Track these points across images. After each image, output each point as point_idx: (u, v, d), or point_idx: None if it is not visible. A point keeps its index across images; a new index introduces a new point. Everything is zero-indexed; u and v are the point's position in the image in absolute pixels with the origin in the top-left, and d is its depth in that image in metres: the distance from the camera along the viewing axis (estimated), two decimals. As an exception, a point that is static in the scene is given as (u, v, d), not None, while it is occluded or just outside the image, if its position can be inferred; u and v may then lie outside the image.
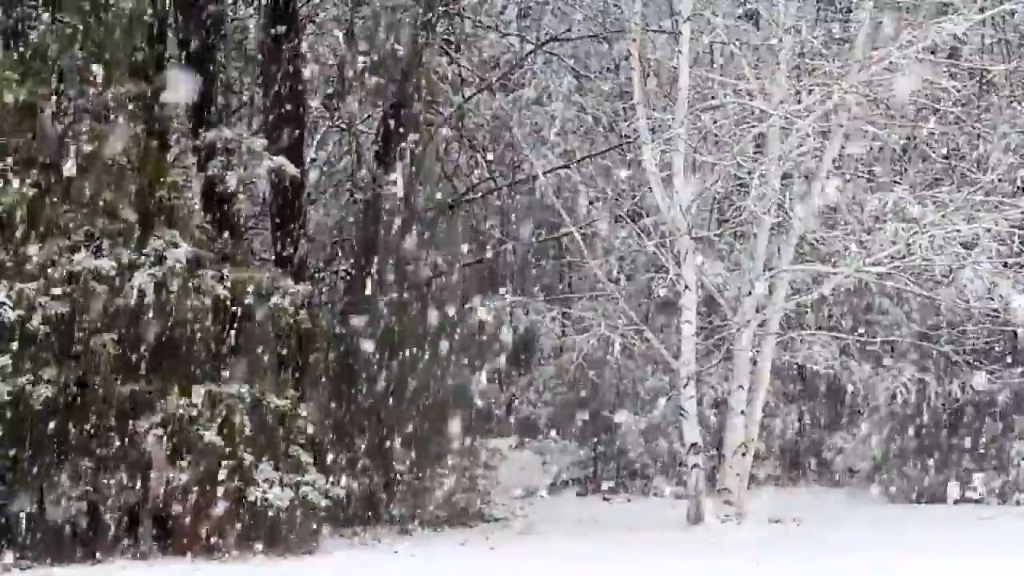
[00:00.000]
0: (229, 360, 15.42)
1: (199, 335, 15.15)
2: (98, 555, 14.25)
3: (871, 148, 20.05)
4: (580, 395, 22.99)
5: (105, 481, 14.49)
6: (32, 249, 14.54)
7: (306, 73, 19.37)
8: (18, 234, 14.61)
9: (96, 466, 14.53)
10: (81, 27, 15.28)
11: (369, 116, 21.74)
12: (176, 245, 14.79)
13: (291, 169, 16.64)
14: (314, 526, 15.17)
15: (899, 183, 19.06)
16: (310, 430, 15.92)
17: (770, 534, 17.16)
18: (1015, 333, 19.97)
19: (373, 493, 17.57)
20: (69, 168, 14.91)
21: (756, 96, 17.77)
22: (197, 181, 16.62)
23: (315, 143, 21.28)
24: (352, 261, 19.41)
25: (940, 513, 19.98)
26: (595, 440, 22.95)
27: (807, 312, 20.16)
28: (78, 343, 14.50)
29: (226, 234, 16.23)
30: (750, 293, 18.10)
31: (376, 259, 18.67)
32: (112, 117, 15.38)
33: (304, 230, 18.53)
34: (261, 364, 15.70)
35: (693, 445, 17.89)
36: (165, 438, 14.56)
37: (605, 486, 22.34)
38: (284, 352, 16.49)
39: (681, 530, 17.49)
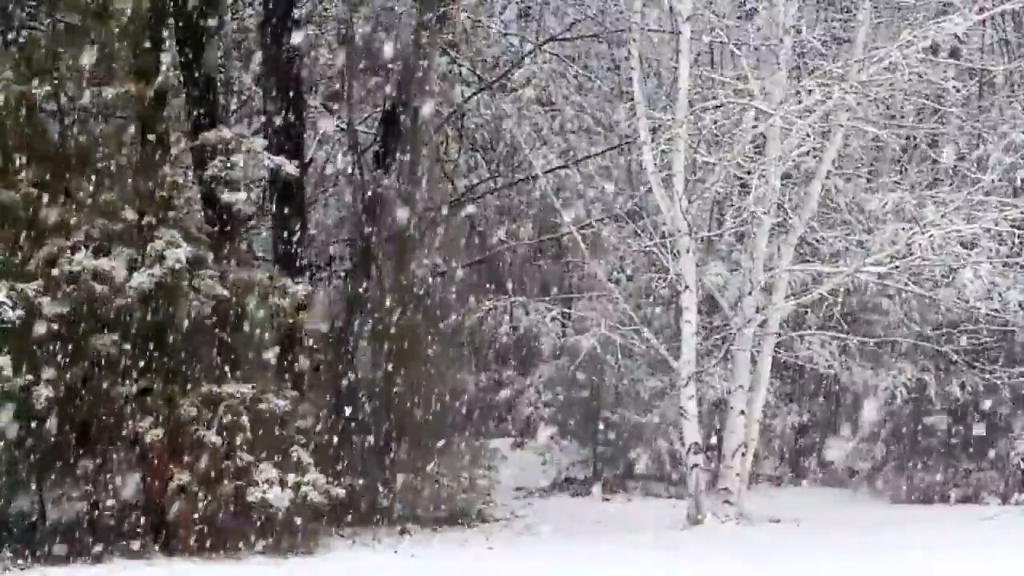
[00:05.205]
0: (229, 360, 15.42)
1: (199, 335, 15.16)
2: (98, 555, 14.25)
3: (871, 148, 20.05)
4: (580, 395, 22.96)
5: (105, 481, 14.49)
6: (32, 249, 14.53)
7: (306, 73, 19.34)
8: (18, 234, 14.61)
9: (96, 466, 14.53)
10: (81, 27, 15.28)
11: (369, 116, 21.73)
12: (176, 245, 14.77)
13: (291, 169, 16.63)
14: (314, 526, 15.17)
15: (899, 183, 19.06)
16: (310, 430, 15.93)
17: (770, 534, 17.16)
18: (1014, 333, 19.97)
19: (373, 493, 17.56)
20: (69, 168, 14.91)
21: (756, 96, 17.77)
22: (197, 181, 16.62)
23: (315, 143, 21.26)
24: (352, 261, 19.37)
25: (940, 513, 19.97)
26: (595, 440, 22.92)
27: (807, 312, 20.15)
28: (78, 343, 14.49)
29: (226, 234, 16.22)
30: (750, 293, 18.11)
31: (376, 259, 18.66)
32: (112, 117, 15.37)
33: (304, 230, 18.53)
34: (261, 364, 15.70)
35: (693, 445, 17.90)
36: (165, 438, 14.57)
37: (605, 486, 22.30)
38: (284, 352, 16.49)
39: (681, 530, 17.48)
